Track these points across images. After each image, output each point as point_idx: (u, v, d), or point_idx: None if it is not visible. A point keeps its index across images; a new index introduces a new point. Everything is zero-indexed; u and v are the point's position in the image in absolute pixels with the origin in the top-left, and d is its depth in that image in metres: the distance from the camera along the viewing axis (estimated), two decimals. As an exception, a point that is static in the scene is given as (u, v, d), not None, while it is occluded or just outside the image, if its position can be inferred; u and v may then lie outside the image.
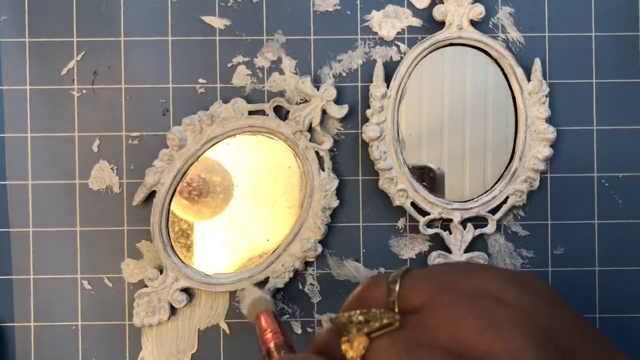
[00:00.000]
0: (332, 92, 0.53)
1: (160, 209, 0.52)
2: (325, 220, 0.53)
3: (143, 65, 0.54)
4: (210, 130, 0.52)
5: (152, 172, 0.52)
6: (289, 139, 0.53)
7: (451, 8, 0.53)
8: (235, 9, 0.54)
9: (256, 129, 0.53)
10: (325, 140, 0.53)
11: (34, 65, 0.54)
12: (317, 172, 0.53)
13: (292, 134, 0.53)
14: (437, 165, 0.54)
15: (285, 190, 0.53)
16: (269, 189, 0.53)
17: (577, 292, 0.55)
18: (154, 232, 0.52)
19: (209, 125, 0.52)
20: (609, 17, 0.54)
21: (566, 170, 0.55)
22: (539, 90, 0.53)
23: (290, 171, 0.53)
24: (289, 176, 0.53)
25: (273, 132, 0.53)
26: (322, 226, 0.53)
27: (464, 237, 0.54)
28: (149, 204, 0.53)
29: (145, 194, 0.53)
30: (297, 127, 0.52)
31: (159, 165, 0.52)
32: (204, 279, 0.53)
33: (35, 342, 0.54)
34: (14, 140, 0.54)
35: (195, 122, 0.52)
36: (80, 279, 0.54)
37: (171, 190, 0.52)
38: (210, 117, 0.52)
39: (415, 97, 0.54)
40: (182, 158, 0.52)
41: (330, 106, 0.53)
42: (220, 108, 0.53)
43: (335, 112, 0.53)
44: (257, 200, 0.53)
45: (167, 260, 0.52)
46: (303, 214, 0.53)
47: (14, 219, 0.54)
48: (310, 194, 0.53)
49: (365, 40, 0.54)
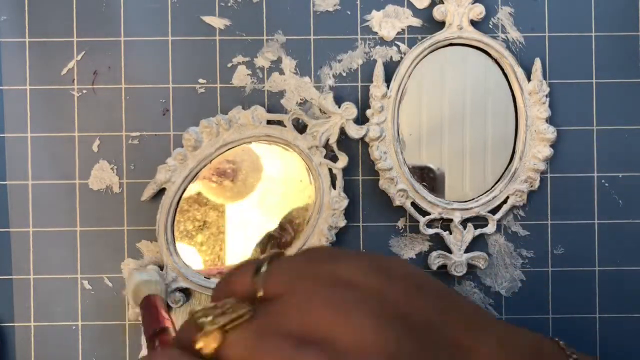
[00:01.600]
0: (353, 110, 0.52)
1: (168, 207, 0.52)
2: (330, 238, 0.53)
3: (143, 65, 0.54)
4: (227, 135, 0.52)
5: (164, 170, 0.52)
6: (303, 153, 0.52)
7: (451, 8, 0.53)
8: (235, 9, 0.54)
9: (272, 139, 0.52)
10: (341, 159, 0.53)
11: (34, 65, 0.54)
12: (327, 190, 0.52)
13: (307, 148, 0.52)
14: (437, 165, 0.54)
15: (294, 204, 0.53)
16: (278, 200, 0.53)
17: (577, 292, 0.55)
18: (159, 230, 0.52)
19: (226, 130, 0.52)
20: (609, 17, 0.54)
21: (566, 170, 0.55)
22: (539, 90, 0.53)
23: (302, 185, 0.53)
24: (300, 190, 0.53)
25: (289, 144, 0.52)
26: (326, 244, 0.52)
27: (464, 237, 0.54)
28: (150, 203, 0.53)
29: (155, 191, 0.53)
30: (313, 142, 0.52)
31: (172, 164, 0.52)
32: (202, 281, 0.53)
33: (35, 342, 0.54)
34: (14, 140, 0.54)
35: (212, 124, 0.52)
36: (80, 279, 0.54)
37: (181, 190, 0.52)
38: (228, 122, 0.52)
39: (415, 97, 0.54)
40: (195, 159, 0.52)
41: (349, 125, 0.52)
42: (240, 114, 0.52)
43: (354, 132, 0.52)
44: (265, 209, 0.53)
45: (169, 259, 0.52)
46: (309, 230, 0.52)
47: (14, 219, 0.54)
48: (318, 211, 0.52)
49: (365, 40, 0.54)
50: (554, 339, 0.34)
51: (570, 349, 0.33)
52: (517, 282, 0.55)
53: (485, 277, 0.55)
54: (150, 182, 0.53)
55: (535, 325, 0.55)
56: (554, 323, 0.55)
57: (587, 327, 0.55)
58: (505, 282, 0.55)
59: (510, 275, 0.55)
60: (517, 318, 0.55)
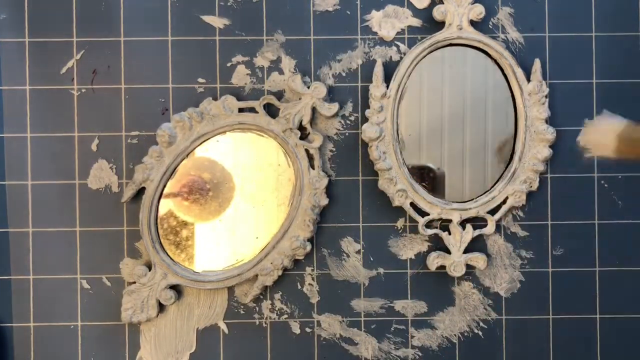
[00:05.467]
0: (322, 89, 0.52)
1: (149, 205, 0.53)
2: (314, 218, 0.53)
3: (142, 64, 0.54)
4: (200, 127, 0.53)
5: (142, 169, 0.53)
6: (279, 137, 0.53)
7: (451, 8, 0.53)
8: (235, 9, 0.54)
9: (246, 126, 0.53)
10: (315, 139, 0.53)
11: (34, 64, 0.54)
12: (306, 170, 0.53)
13: (282, 131, 0.53)
14: (437, 165, 0.54)
15: (274, 188, 0.54)
16: (258, 186, 0.53)
17: (577, 292, 0.55)
18: (143, 229, 0.52)
19: (198, 122, 0.53)
20: (609, 17, 0.54)
21: (566, 171, 0.54)
22: (538, 90, 0.52)
23: (280, 169, 0.54)
24: (279, 174, 0.54)
25: (263, 130, 0.53)
26: (311, 224, 0.53)
27: (463, 237, 0.53)
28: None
29: (135, 191, 0.53)
30: (286, 124, 0.52)
31: (149, 162, 0.53)
32: (192, 276, 0.53)
33: (35, 342, 0.54)
34: (13, 140, 0.54)
35: (184, 119, 0.52)
36: (80, 279, 0.54)
37: (160, 187, 0.53)
38: (200, 114, 0.53)
39: (415, 97, 0.54)
40: (171, 155, 0.53)
41: (320, 104, 0.53)
42: (210, 105, 0.53)
43: (325, 110, 0.53)
44: (246, 197, 0.53)
45: (156, 256, 0.53)
46: (292, 211, 0.53)
47: (13, 219, 0.54)
48: (299, 192, 0.53)
49: (365, 40, 0.54)
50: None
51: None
52: (517, 283, 0.55)
53: (484, 278, 0.55)
54: (129, 183, 0.53)
55: (535, 326, 0.54)
56: (554, 323, 0.55)
57: (587, 327, 0.55)
58: (504, 282, 0.55)
59: (509, 275, 0.55)
60: (516, 319, 0.54)
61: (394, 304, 0.55)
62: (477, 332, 0.54)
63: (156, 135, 0.52)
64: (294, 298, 0.54)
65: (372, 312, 0.54)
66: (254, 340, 0.54)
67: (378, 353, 0.54)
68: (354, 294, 0.55)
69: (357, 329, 0.54)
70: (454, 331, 0.54)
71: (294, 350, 0.54)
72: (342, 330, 0.54)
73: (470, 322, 0.55)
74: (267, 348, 0.54)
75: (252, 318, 0.54)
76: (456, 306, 0.55)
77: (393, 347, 0.54)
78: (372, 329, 0.54)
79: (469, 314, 0.54)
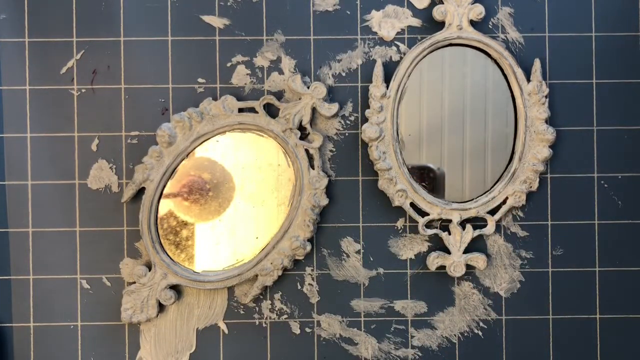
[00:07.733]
0: (322, 90, 0.53)
1: (149, 205, 0.53)
2: (314, 218, 0.53)
3: (142, 64, 0.54)
4: (200, 127, 0.53)
5: (141, 169, 0.53)
6: (278, 137, 0.53)
7: (451, 8, 0.53)
8: (235, 9, 0.54)
9: (246, 127, 0.53)
10: (315, 139, 0.53)
11: (34, 64, 0.54)
12: (306, 170, 0.53)
13: (281, 131, 0.53)
14: (437, 165, 0.54)
15: (274, 188, 0.54)
16: (258, 186, 0.53)
17: (577, 292, 0.55)
18: (143, 229, 0.52)
19: (198, 122, 0.53)
20: (609, 17, 0.54)
21: (566, 171, 0.54)
22: (538, 91, 0.52)
23: (280, 169, 0.54)
24: (279, 174, 0.54)
25: (263, 130, 0.53)
26: (311, 224, 0.53)
27: (463, 237, 0.53)
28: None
29: (135, 191, 0.53)
30: (286, 125, 0.52)
31: (148, 162, 0.53)
32: (192, 276, 0.53)
33: (35, 342, 0.54)
34: (13, 140, 0.54)
35: (184, 119, 0.52)
36: (79, 279, 0.54)
37: (160, 187, 0.53)
38: (200, 114, 0.53)
39: (415, 97, 0.54)
40: (171, 155, 0.53)
41: (320, 104, 0.53)
42: (210, 105, 0.53)
43: (325, 110, 0.53)
44: (246, 197, 0.53)
45: (156, 256, 0.53)
46: (292, 212, 0.53)
47: (13, 219, 0.54)
48: (299, 192, 0.53)
49: (365, 40, 0.54)
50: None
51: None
52: (516, 283, 0.55)
53: (484, 278, 0.55)
54: (129, 183, 0.53)
55: (535, 326, 0.54)
56: (554, 323, 0.55)
57: (587, 327, 0.55)
58: (504, 282, 0.55)
59: (509, 276, 0.55)
60: (516, 319, 0.55)
61: (394, 304, 0.55)
62: (477, 332, 0.55)
63: (156, 135, 0.52)
64: (293, 298, 0.54)
65: (372, 312, 0.54)
66: (253, 340, 0.54)
67: (378, 353, 0.54)
68: (353, 294, 0.55)
69: (357, 329, 0.54)
70: (453, 331, 0.54)
71: (294, 350, 0.54)
72: (342, 330, 0.54)
73: (470, 322, 0.55)
74: (267, 348, 0.54)
75: (252, 318, 0.54)
76: (456, 306, 0.55)
77: (393, 347, 0.54)
78: (372, 329, 0.54)
79: (469, 314, 0.54)
